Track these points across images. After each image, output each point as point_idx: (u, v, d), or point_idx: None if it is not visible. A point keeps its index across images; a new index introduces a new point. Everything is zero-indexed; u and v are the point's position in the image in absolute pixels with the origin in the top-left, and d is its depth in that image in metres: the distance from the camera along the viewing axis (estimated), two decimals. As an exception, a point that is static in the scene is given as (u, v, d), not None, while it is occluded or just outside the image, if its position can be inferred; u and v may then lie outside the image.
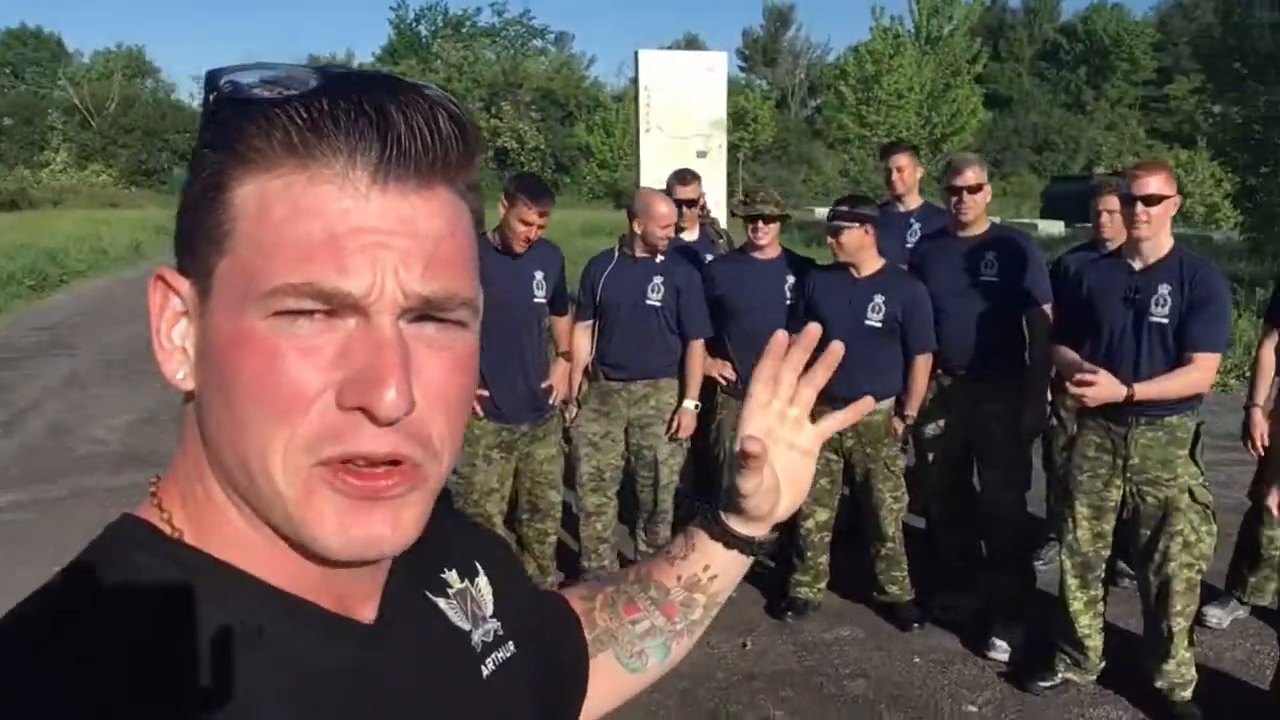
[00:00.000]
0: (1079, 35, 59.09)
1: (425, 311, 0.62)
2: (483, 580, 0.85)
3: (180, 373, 0.65)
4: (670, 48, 37.50)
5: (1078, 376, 3.47)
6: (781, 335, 0.88)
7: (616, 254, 4.50)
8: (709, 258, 4.94)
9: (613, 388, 4.46)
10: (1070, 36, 59.93)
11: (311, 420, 0.60)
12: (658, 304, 4.38)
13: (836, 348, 0.88)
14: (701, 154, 9.07)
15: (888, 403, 4.26)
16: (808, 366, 0.91)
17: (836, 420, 0.93)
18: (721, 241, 5.57)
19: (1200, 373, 3.43)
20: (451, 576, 0.82)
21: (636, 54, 9.65)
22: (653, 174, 8.69)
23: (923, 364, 4.21)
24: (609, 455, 4.52)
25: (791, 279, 4.50)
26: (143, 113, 47.36)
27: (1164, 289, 3.47)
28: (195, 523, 0.66)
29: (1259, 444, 4.17)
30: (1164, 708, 3.62)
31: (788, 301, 4.47)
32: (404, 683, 0.71)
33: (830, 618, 4.49)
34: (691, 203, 5.21)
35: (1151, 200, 3.44)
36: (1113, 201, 4.33)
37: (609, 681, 0.98)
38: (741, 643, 4.25)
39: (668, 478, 4.54)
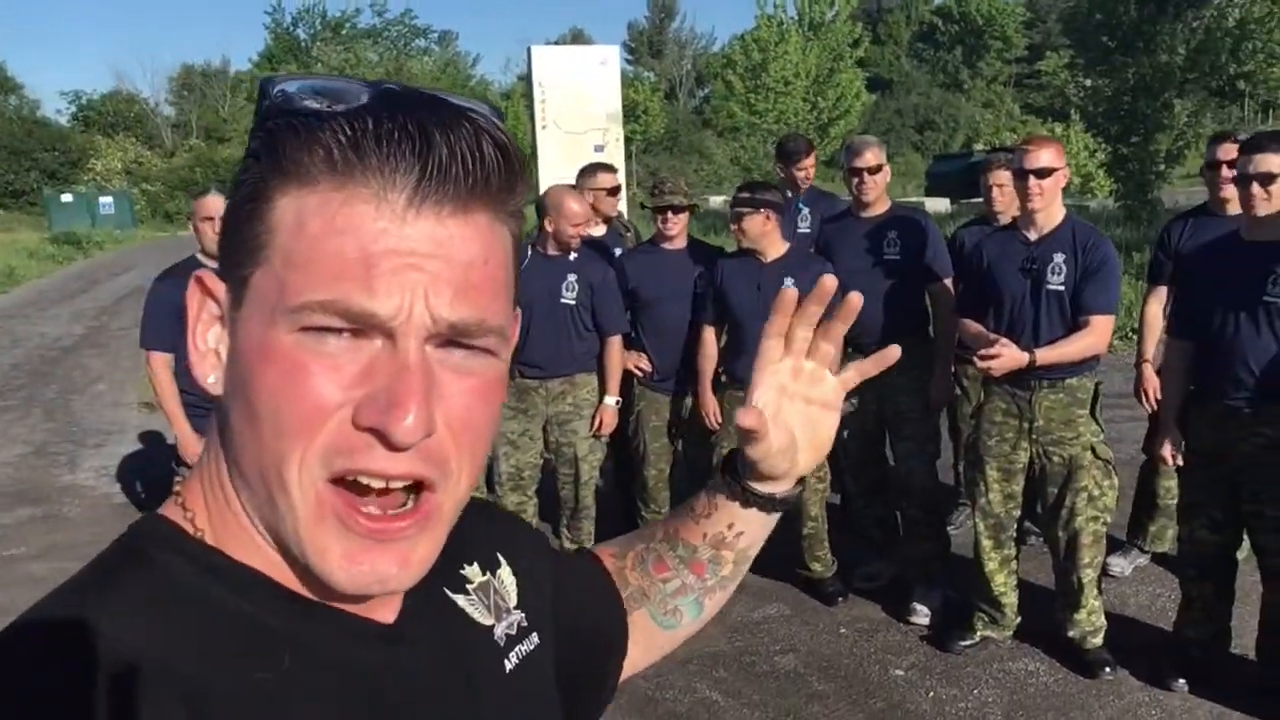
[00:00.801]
0: (954, 16, 60.83)
1: (453, 337, 0.62)
2: (505, 571, 0.84)
3: (212, 377, 0.65)
4: (556, 42, 37.42)
5: (982, 351, 3.60)
6: (791, 291, 0.85)
7: (529, 252, 4.48)
8: (618, 252, 4.96)
9: (529, 385, 4.45)
10: (945, 18, 61.66)
11: (327, 433, 0.60)
12: (572, 302, 4.38)
13: (855, 298, 0.84)
14: (599, 148, 9.09)
15: (802, 383, 4.33)
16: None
17: (859, 369, 0.89)
18: (629, 235, 5.61)
19: (1096, 335, 3.60)
20: (472, 571, 0.81)
21: (529, 50, 9.63)
22: (551, 171, 8.68)
23: (834, 342, 4.30)
24: (527, 454, 4.51)
25: (700, 268, 4.55)
26: (7, 130, 45.10)
27: (1059, 257, 3.62)
28: (216, 524, 0.67)
29: (1152, 398, 4.38)
30: (1077, 655, 3.80)
31: (699, 291, 4.52)
32: (423, 682, 0.71)
33: (756, 597, 4.57)
34: (617, 190, 5.25)
35: (1043, 173, 3.59)
36: (1003, 176, 4.50)
37: (644, 639, 0.98)
38: (672, 629, 4.29)
39: (588, 474, 4.56)
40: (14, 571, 5.19)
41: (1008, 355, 3.58)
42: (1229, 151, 4.13)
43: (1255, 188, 3.27)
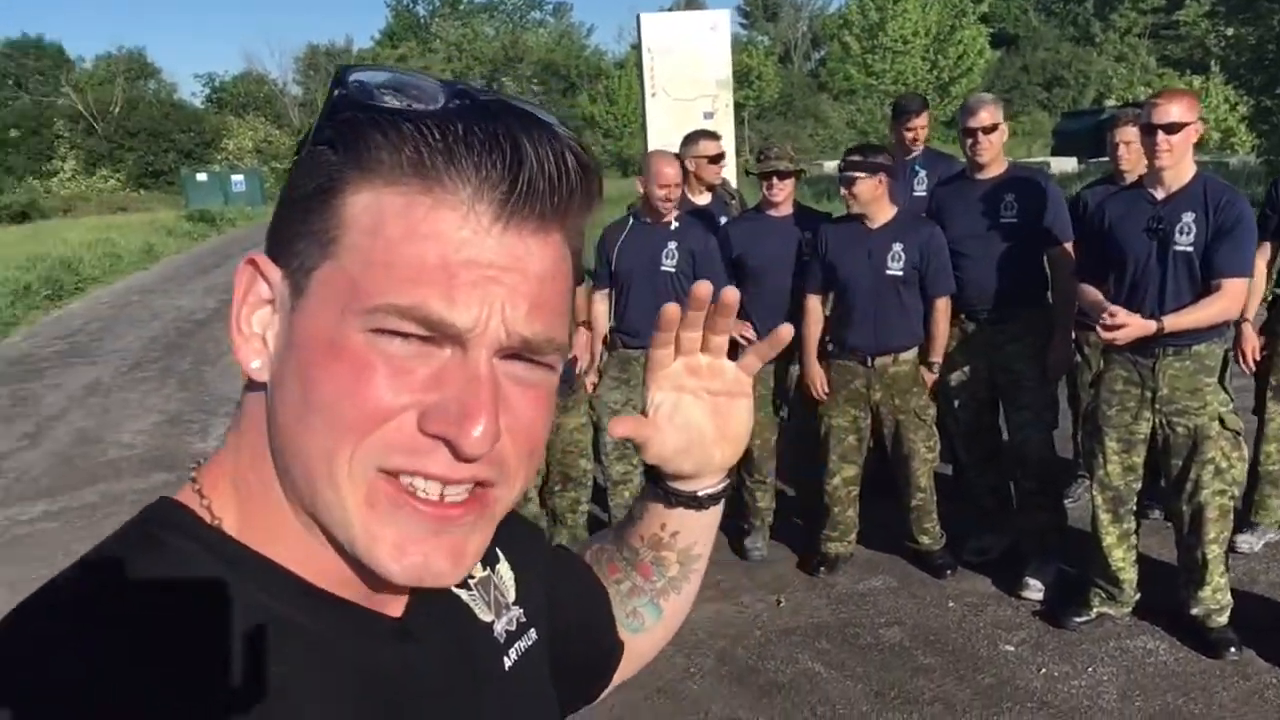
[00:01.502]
0: (1084, -33, 57.95)
1: (520, 351, 0.61)
2: (504, 566, 0.84)
3: (257, 362, 0.64)
4: (670, 10, 37.12)
5: (1105, 321, 3.43)
6: (671, 307, 0.82)
7: (631, 220, 4.48)
8: (723, 220, 4.92)
9: (631, 355, 4.46)
10: (1075, -31, 58.78)
11: (386, 432, 0.59)
12: (672, 269, 4.36)
13: (730, 294, 0.82)
14: (708, 115, 9.00)
15: (913, 352, 4.25)
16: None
17: (756, 352, 0.87)
18: (734, 203, 5.54)
19: (1229, 299, 3.39)
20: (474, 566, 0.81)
21: (639, 17, 9.56)
22: (660, 139, 8.64)
23: (943, 307, 4.19)
24: (632, 422, 4.52)
25: (806, 234, 4.47)
26: (147, 114, 47.39)
27: (1188, 217, 3.42)
28: (239, 512, 0.66)
29: (1250, 358, 4.16)
30: (1200, 634, 3.63)
31: (805, 258, 4.44)
32: (431, 677, 0.71)
33: (862, 569, 4.50)
34: (720, 158, 5.19)
35: (1173, 128, 3.39)
36: (1129, 132, 4.27)
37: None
38: (776, 599, 4.27)
39: (692, 442, 4.54)
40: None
41: (1135, 324, 3.40)
42: None
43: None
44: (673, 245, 4.36)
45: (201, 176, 39.00)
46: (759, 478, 4.67)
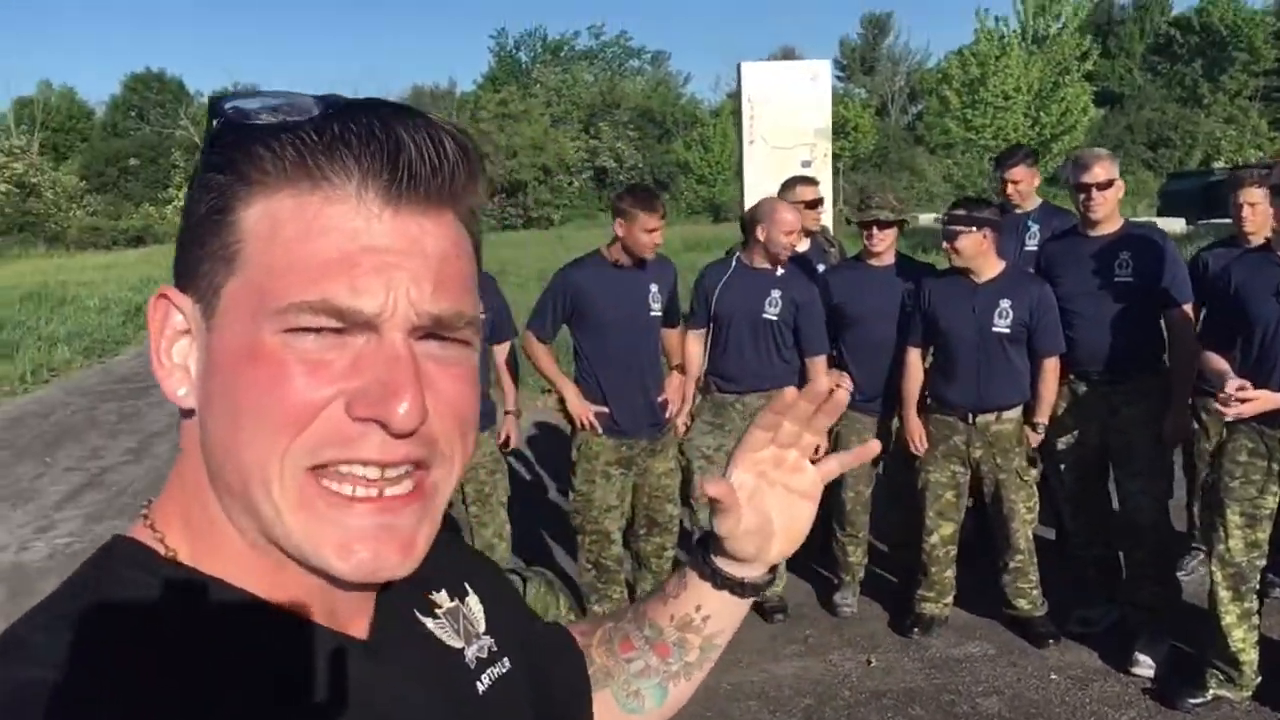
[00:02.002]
0: (1194, 28, 56.72)
1: (433, 330, 0.63)
2: (473, 599, 0.84)
3: (183, 389, 0.65)
4: (768, 60, 37.29)
5: (1233, 394, 3.26)
6: (791, 391, 0.84)
7: (733, 264, 4.44)
8: (821, 268, 4.86)
9: (726, 400, 4.41)
10: (1184, 29, 57.56)
11: (316, 427, 0.60)
12: (774, 317, 4.31)
13: (840, 396, 0.84)
14: (806, 163, 8.97)
15: (1017, 410, 4.12)
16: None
17: (838, 461, 0.88)
18: (833, 251, 5.48)
19: (1366, 370, 3.21)
20: (440, 597, 0.82)
21: (739, 66, 9.63)
22: (757, 187, 8.63)
23: (1051, 367, 4.05)
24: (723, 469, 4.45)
25: (908, 285, 4.38)
26: (259, 149, 49.31)
27: (1323, 281, 3.26)
28: (192, 542, 0.66)
29: None
30: (1331, 729, 3.40)
31: (906, 309, 4.35)
32: (400, 698, 0.70)
33: (959, 633, 4.34)
34: (818, 203, 5.15)
35: (1304, 188, 3.25)
36: (1255, 194, 4.13)
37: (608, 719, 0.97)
38: (866, 660, 4.13)
39: (785, 492, 4.45)
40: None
41: (1264, 398, 3.24)
42: None
43: None
44: (777, 293, 4.31)
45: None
46: (852, 531, 4.55)
